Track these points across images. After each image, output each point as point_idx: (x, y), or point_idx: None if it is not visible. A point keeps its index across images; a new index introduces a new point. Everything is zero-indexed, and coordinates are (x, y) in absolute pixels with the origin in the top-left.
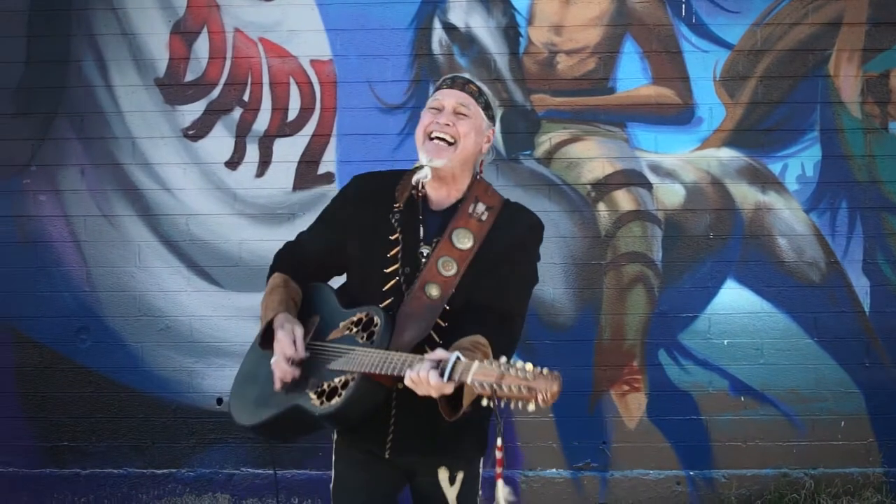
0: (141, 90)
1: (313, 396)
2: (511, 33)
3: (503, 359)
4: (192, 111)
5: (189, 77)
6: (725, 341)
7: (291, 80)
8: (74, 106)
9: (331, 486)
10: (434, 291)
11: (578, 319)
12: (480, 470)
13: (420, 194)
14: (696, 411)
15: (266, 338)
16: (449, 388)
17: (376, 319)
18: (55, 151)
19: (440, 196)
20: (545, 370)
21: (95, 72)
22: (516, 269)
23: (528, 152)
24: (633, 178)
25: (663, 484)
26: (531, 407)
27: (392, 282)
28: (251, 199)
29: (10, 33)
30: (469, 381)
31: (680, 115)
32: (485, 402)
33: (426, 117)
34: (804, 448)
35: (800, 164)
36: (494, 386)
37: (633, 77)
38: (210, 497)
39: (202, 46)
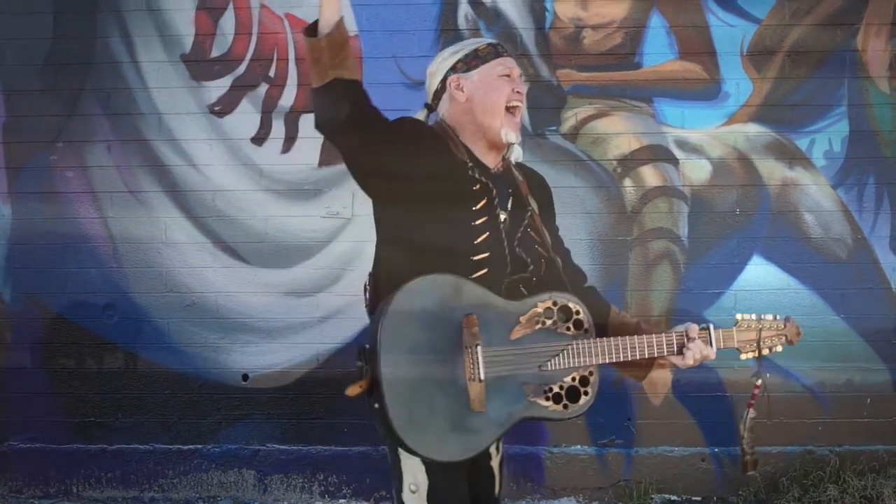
0: (167, 66)
1: (547, 403)
2: (537, 8)
3: (747, 316)
4: (218, 87)
5: (215, 53)
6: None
7: None
8: (101, 82)
9: (425, 492)
10: (558, 258)
11: (604, 295)
12: None
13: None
14: (721, 388)
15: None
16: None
17: (574, 307)
18: (82, 127)
19: (490, 159)
20: (787, 318)
21: (122, 48)
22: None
23: (553, 128)
24: (659, 154)
25: (688, 461)
26: (779, 348)
27: (484, 235)
28: (277, 174)
29: (36, 9)
30: (735, 345)
31: (707, 90)
32: (743, 357)
33: (504, 86)
34: (829, 425)
35: (827, 139)
36: (758, 344)
37: (659, 52)
38: (236, 473)
39: (228, 22)
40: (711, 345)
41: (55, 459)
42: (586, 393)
